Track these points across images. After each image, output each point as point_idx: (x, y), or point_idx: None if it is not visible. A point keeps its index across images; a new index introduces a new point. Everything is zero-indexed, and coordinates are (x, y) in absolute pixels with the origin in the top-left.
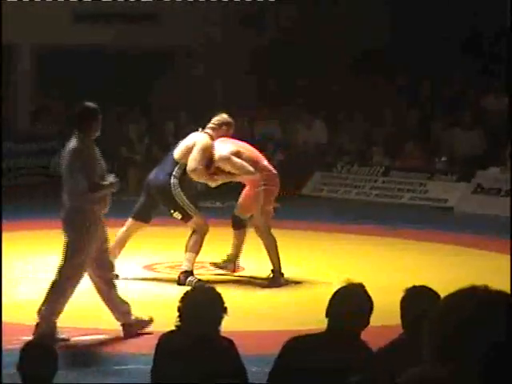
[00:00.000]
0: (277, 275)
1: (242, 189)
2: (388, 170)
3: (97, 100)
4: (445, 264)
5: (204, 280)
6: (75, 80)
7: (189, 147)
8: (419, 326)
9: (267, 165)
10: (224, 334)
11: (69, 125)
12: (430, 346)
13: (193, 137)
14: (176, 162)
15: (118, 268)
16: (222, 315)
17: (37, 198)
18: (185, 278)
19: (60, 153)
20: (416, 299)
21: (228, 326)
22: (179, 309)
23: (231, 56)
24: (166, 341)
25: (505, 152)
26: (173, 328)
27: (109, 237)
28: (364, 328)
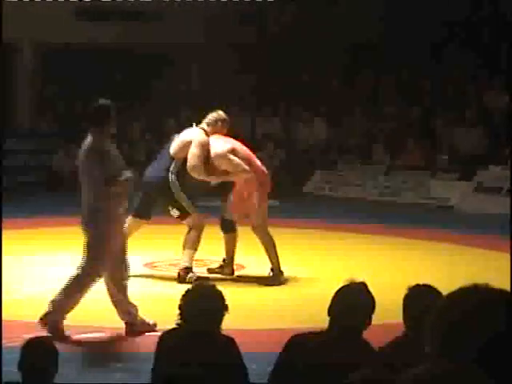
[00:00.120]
0: (276, 273)
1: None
2: (389, 169)
3: (98, 97)
4: (445, 262)
5: (205, 278)
6: (76, 78)
7: (185, 143)
8: (421, 324)
9: (260, 165)
10: (225, 332)
11: (85, 122)
12: (432, 343)
13: (189, 133)
14: (172, 158)
15: None
16: (223, 313)
17: (37, 196)
18: (185, 275)
19: (60, 151)
20: (418, 297)
21: (229, 324)
22: (180, 307)
23: (231, 53)
24: (167, 339)
25: (506, 151)
26: (174, 326)
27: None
28: (366, 326)
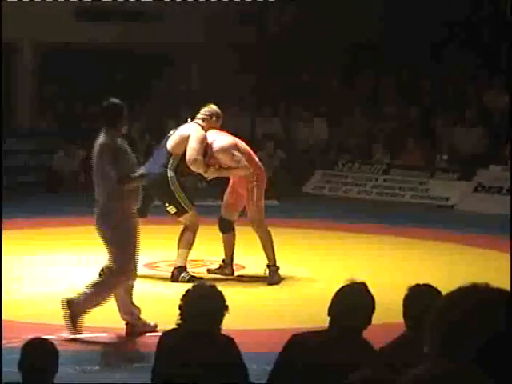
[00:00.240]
0: (273, 269)
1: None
2: (389, 169)
3: (97, 98)
4: (445, 262)
5: (204, 278)
6: (76, 78)
7: (183, 138)
8: (421, 324)
9: (258, 161)
10: (225, 332)
11: (98, 121)
12: (431, 343)
13: (186, 128)
14: (169, 154)
15: None
16: (224, 313)
17: (36, 196)
18: (178, 274)
19: (60, 151)
20: (418, 297)
21: (229, 324)
22: (180, 307)
23: (232, 53)
24: (167, 339)
25: (506, 151)
26: (174, 326)
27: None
28: (366, 326)
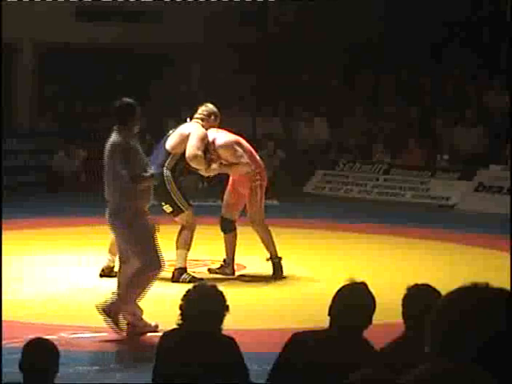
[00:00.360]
0: (276, 261)
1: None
2: (389, 168)
3: (98, 97)
4: (446, 262)
5: (205, 278)
6: (76, 78)
7: (184, 136)
8: (421, 324)
9: (259, 160)
10: (225, 332)
11: (110, 120)
12: (432, 343)
13: (186, 127)
14: (168, 154)
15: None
16: (224, 313)
17: (36, 197)
18: (179, 275)
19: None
20: (417, 297)
21: (230, 324)
22: (181, 307)
23: (231, 52)
24: (168, 339)
25: (506, 150)
26: (175, 326)
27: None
28: (367, 326)
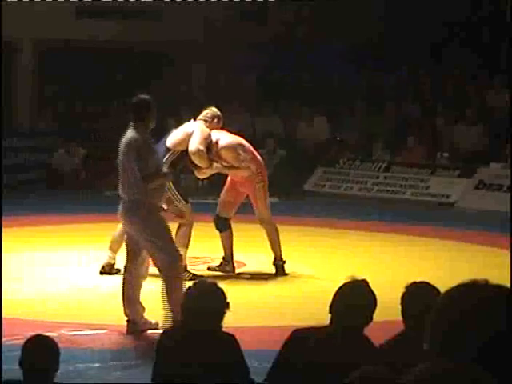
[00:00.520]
0: (279, 264)
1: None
2: (390, 166)
3: (98, 97)
4: (446, 259)
5: (205, 276)
6: (76, 77)
7: (187, 134)
8: (420, 322)
9: (260, 159)
10: (226, 330)
11: (126, 117)
12: (432, 341)
13: (190, 125)
14: (167, 150)
15: (119, 263)
16: (225, 310)
17: (37, 194)
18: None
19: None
20: (416, 295)
21: (230, 322)
22: (181, 304)
23: (232, 51)
24: (168, 336)
25: (506, 148)
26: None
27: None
28: (367, 324)
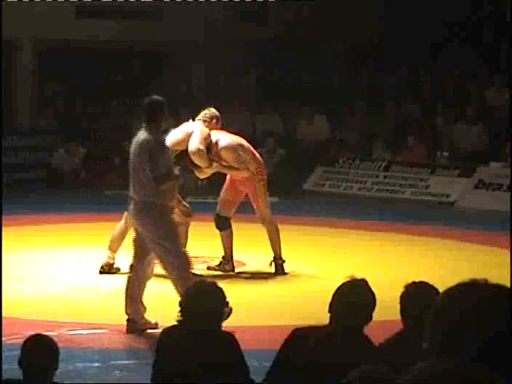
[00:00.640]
0: (279, 262)
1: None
2: (389, 165)
3: (98, 96)
4: (446, 259)
5: (205, 275)
6: (76, 76)
7: (187, 134)
8: (419, 321)
9: (259, 158)
10: (225, 329)
11: (139, 118)
12: (431, 341)
13: (189, 125)
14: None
15: (119, 262)
16: (224, 310)
17: (36, 193)
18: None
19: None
20: (416, 295)
21: (230, 321)
22: (181, 303)
23: (232, 51)
24: (168, 336)
25: (506, 148)
26: (174, 323)
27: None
28: (367, 323)
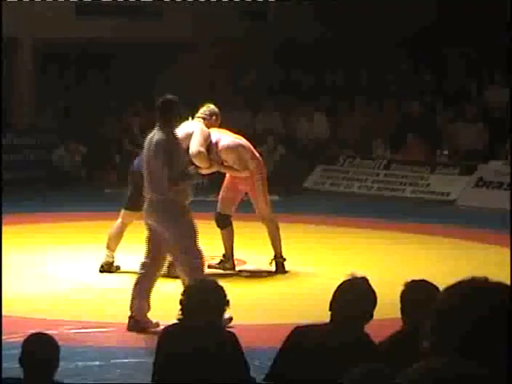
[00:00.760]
0: (279, 261)
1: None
2: (390, 164)
3: (99, 94)
4: (446, 257)
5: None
6: (76, 75)
7: (187, 135)
8: (418, 319)
9: (259, 157)
10: (226, 327)
11: (155, 117)
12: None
13: (189, 125)
14: None
15: (118, 261)
16: (225, 308)
17: (37, 192)
18: (174, 271)
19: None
20: (415, 293)
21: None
22: (181, 302)
23: (231, 51)
24: (169, 333)
25: (506, 146)
26: (175, 321)
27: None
28: (368, 321)
